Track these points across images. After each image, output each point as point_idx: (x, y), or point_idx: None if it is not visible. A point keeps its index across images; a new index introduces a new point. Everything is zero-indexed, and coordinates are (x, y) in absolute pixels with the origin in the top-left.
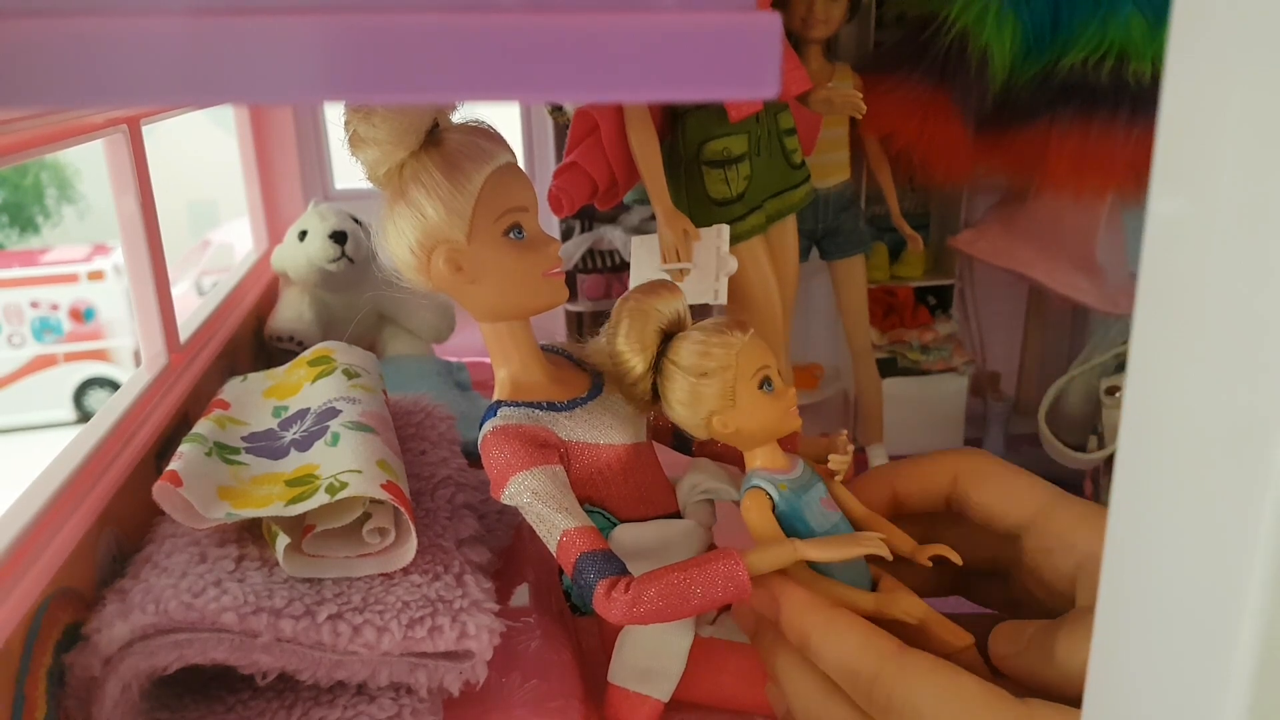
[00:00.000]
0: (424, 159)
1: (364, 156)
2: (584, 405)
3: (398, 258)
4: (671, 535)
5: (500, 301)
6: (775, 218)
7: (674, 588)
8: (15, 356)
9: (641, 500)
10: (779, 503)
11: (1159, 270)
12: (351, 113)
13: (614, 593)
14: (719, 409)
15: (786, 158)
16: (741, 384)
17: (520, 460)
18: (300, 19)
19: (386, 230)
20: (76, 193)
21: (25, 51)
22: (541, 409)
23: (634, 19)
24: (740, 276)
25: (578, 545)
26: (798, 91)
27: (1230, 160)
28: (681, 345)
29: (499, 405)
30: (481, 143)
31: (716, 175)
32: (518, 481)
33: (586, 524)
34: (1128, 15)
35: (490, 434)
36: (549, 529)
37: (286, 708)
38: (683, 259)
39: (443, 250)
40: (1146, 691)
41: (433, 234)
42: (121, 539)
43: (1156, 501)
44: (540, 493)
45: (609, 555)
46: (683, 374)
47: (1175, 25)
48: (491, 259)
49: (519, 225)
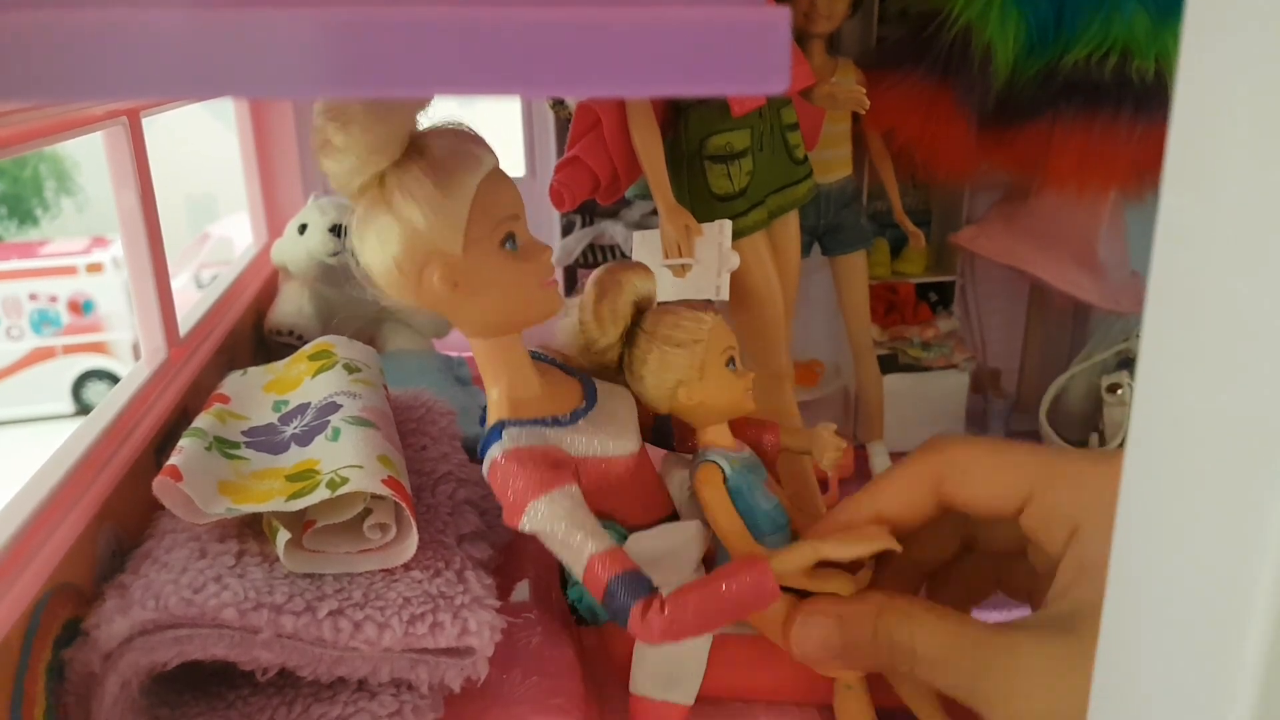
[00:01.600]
0: (409, 167)
1: (338, 166)
2: (585, 416)
3: (382, 274)
4: (680, 540)
5: (497, 316)
6: (777, 213)
7: (708, 603)
8: (14, 349)
9: (645, 506)
10: (730, 477)
11: (1169, 269)
12: (325, 119)
13: (649, 615)
14: (686, 379)
15: (789, 153)
16: (711, 357)
17: (536, 485)
18: (300, 12)
19: (366, 244)
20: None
21: (25, 43)
22: (546, 425)
23: (641, 12)
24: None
25: (607, 569)
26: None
27: (1242, 159)
28: (657, 316)
29: (502, 426)
30: (469, 148)
31: (719, 170)
32: (536, 508)
33: (610, 544)
34: (1131, 12)
35: (500, 459)
36: (574, 554)
37: (287, 704)
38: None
39: (436, 264)
40: (1153, 693)
41: (424, 248)
42: (121, 534)
43: (1165, 502)
44: (560, 517)
45: (637, 575)
46: (657, 343)
47: (1188, 23)
48: (488, 271)
49: (513, 234)
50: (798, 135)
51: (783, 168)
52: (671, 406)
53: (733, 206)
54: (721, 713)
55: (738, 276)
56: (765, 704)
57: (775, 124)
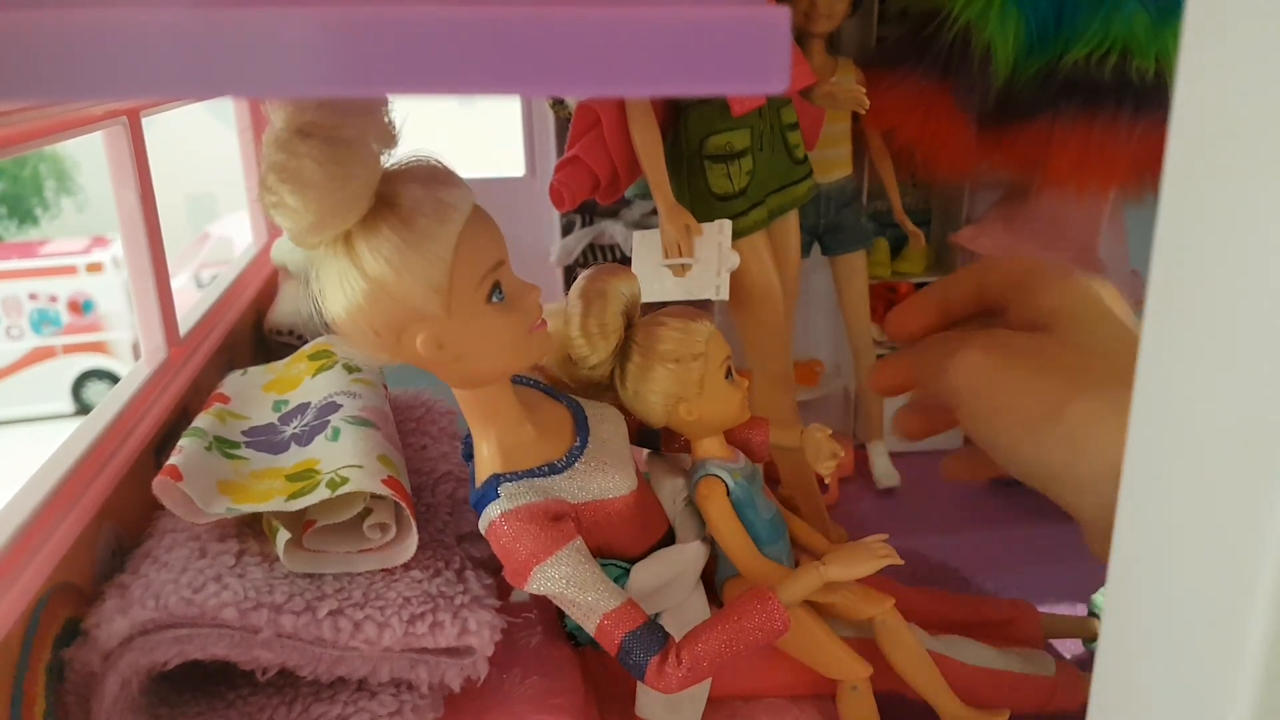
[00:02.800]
0: (377, 227)
1: (294, 225)
2: (581, 456)
3: (353, 335)
4: (682, 564)
5: (485, 370)
6: (778, 213)
7: (721, 647)
8: (13, 349)
9: (646, 535)
10: (733, 489)
11: (1169, 269)
12: (277, 178)
13: (666, 668)
14: (688, 395)
15: (789, 153)
16: (710, 370)
17: (539, 547)
18: (300, 12)
19: (332, 300)
20: (75, 185)
21: (25, 43)
22: (543, 475)
23: (641, 12)
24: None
25: (620, 627)
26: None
27: (1242, 159)
28: (654, 331)
29: (497, 482)
30: (442, 195)
31: (719, 170)
32: (541, 572)
33: (620, 599)
34: (1131, 12)
35: (499, 520)
36: (584, 613)
37: (287, 704)
38: (684, 254)
39: (417, 330)
40: (1153, 693)
41: (402, 312)
42: (121, 534)
43: (1165, 502)
44: (567, 578)
45: (650, 627)
46: (655, 360)
47: (1188, 23)
48: (475, 329)
49: (499, 285)
50: (798, 135)
51: (783, 167)
52: (669, 421)
53: (732, 206)
54: (722, 712)
55: (738, 276)
56: (765, 703)
57: (775, 123)
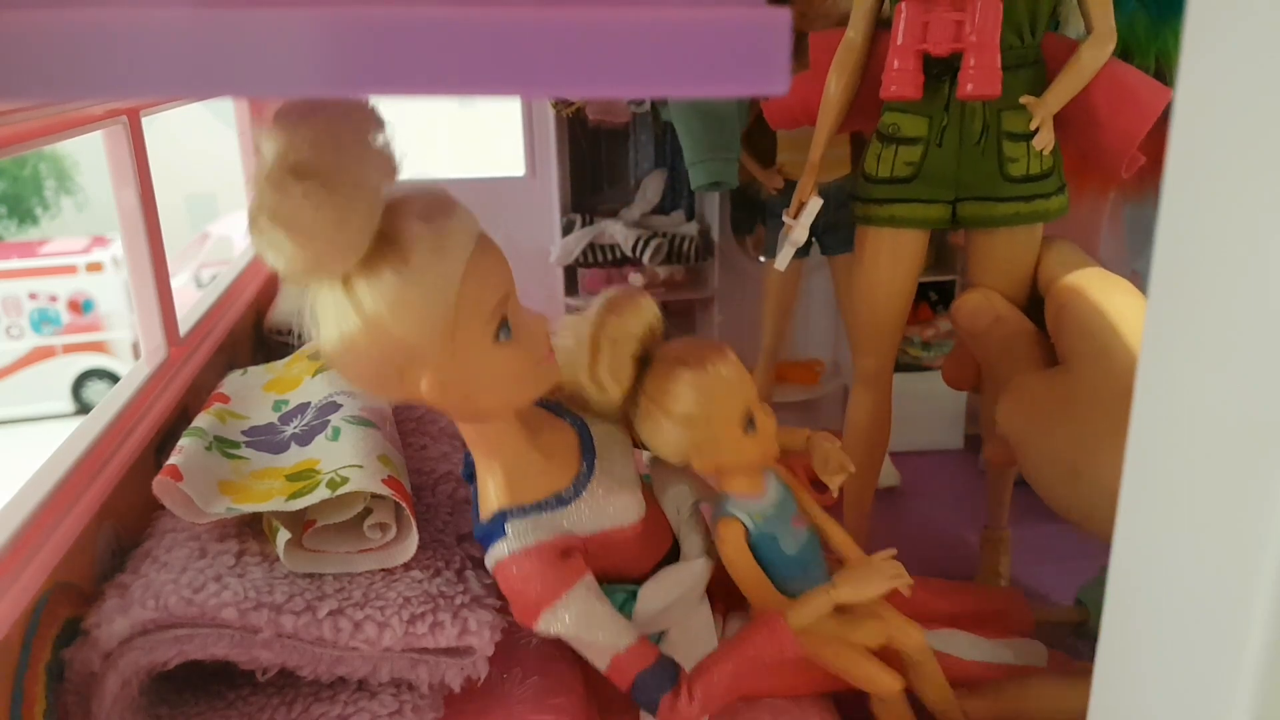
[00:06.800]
0: (379, 269)
1: (289, 267)
2: (588, 485)
3: (353, 374)
4: (689, 583)
5: (492, 406)
6: (971, 224)
7: (732, 677)
8: (13, 348)
9: (651, 554)
10: (752, 531)
11: (1169, 269)
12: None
13: (679, 705)
14: (700, 448)
15: (1001, 164)
16: (719, 426)
17: (550, 588)
18: (300, 12)
19: (330, 338)
20: (75, 184)
21: (25, 43)
22: (550, 508)
23: (641, 12)
24: (855, 263)
25: (633, 666)
26: (901, 96)
27: (1242, 159)
28: (666, 386)
29: (505, 518)
30: (446, 228)
31: (875, 148)
32: (551, 614)
33: (630, 637)
34: (1131, 11)
35: (507, 561)
36: (596, 653)
37: (287, 704)
38: (792, 215)
39: (419, 372)
40: (1153, 693)
41: (405, 354)
42: (121, 533)
43: (1165, 502)
44: (578, 618)
45: (662, 663)
46: (666, 417)
47: (1188, 23)
48: (482, 368)
49: (506, 321)
50: (1021, 148)
51: (980, 175)
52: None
53: (877, 189)
54: (723, 712)
55: (859, 270)
56: (767, 703)
57: (989, 125)
